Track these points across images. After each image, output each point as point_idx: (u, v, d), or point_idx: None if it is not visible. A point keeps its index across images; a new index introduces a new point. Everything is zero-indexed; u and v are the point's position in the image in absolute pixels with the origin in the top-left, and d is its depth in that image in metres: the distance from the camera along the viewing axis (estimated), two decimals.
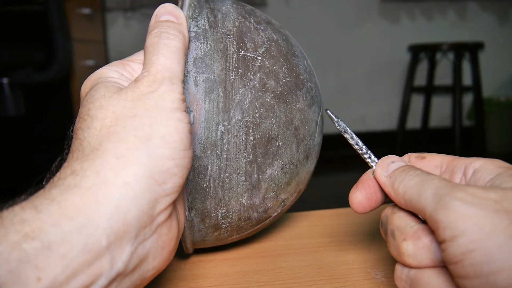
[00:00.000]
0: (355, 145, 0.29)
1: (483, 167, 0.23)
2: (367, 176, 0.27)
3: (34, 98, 1.68)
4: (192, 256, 0.35)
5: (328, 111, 0.31)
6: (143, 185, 0.20)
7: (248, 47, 0.29)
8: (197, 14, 0.29)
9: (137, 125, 0.21)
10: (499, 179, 0.21)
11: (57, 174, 0.21)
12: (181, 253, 0.34)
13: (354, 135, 0.30)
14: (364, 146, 0.29)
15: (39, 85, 1.66)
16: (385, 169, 0.25)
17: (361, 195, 0.27)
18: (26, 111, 1.49)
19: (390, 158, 0.26)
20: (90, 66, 1.96)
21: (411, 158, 0.27)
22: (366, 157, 0.28)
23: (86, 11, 1.97)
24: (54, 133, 1.74)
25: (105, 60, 2.29)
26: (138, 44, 2.40)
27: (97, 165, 0.20)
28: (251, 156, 0.29)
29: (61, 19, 1.46)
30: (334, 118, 0.31)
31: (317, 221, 0.41)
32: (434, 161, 0.26)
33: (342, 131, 0.30)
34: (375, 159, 0.28)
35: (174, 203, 0.23)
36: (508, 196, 0.19)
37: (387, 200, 0.27)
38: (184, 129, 0.22)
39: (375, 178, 0.26)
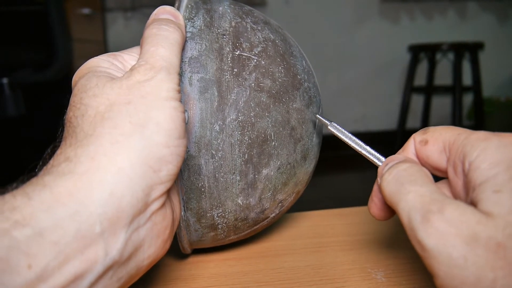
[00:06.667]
0: (357, 148, 0.29)
1: (477, 164, 0.21)
2: (376, 185, 0.26)
3: (34, 98, 1.68)
4: (191, 256, 0.35)
5: (318, 115, 0.32)
6: (138, 171, 0.20)
7: (244, 46, 0.29)
8: (193, 15, 0.29)
9: (132, 112, 0.21)
10: (486, 190, 0.20)
11: (50, 161, 0.20)
12: (180, 253, 0.34)
13: (352, 136, 0.30)
14: (367, 147, 0.29)
15: (39, 85, 1.66)
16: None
17: (375, 206, 0.26)
18: (26, 111, 1.49)
19: (389, 161, 0.25)
20: None
21: (416, 144, 0.26)
22: (370, 157, 0.28)
23: (86, 11, 1.97)
24: (54, 133, 1.74)
25: None
26: (138, 43, 2.40)
27: (91, 150, 0.20)
28: (246, 156, 0.28)
29: (61, 19, 1.46)
30: (326, 122, 0.31)
31: (317, 221, 0.41)
32: (437, 146, 0.24)
33: (339, 134, 0.30)
34: (381, 157, 0.27)
35: (168, 192, 0.23)
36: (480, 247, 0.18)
37: None
38: (178, 118, 0.22)
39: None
